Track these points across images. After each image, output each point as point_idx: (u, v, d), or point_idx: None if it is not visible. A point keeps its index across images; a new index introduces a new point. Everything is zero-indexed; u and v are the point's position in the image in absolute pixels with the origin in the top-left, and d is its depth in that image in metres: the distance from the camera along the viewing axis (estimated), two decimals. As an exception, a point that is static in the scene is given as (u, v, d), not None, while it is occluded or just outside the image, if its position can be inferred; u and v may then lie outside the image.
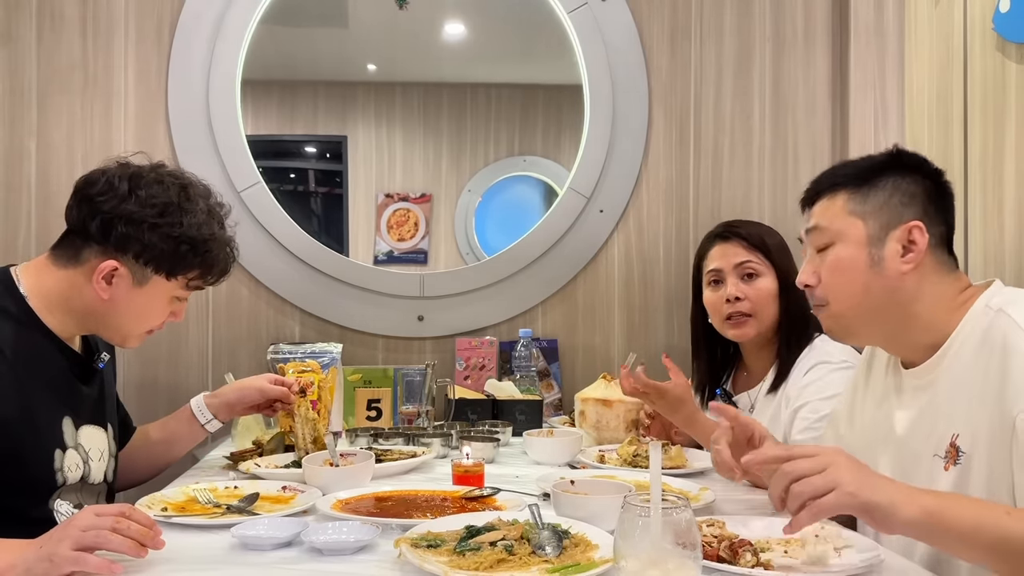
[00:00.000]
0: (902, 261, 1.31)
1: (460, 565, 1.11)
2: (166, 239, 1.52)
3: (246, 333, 2.61)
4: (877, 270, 1.32)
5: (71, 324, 1.57)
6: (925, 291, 1.32)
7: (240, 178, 2.59)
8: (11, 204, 2.55)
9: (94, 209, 1.50)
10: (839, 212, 1.36)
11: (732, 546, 1.18)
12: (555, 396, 2.60)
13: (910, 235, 1.31)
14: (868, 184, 1.35)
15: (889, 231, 1.32)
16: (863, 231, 1.34)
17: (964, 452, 1.25)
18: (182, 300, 1.64)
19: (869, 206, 1.34)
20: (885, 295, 1.33)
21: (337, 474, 1.62)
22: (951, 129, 2.16)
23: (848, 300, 1.36)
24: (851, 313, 1.37)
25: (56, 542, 1.14)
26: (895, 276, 1.32)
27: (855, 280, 1.34)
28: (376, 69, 2.92)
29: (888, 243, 1.32)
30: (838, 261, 1.35)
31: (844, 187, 1.37)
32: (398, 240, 2.84)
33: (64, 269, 1.54)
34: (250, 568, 1.19)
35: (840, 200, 1.36)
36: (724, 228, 2.07)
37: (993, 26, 1.94)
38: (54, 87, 2.56)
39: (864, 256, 1.33)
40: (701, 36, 2.72)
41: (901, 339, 1.37)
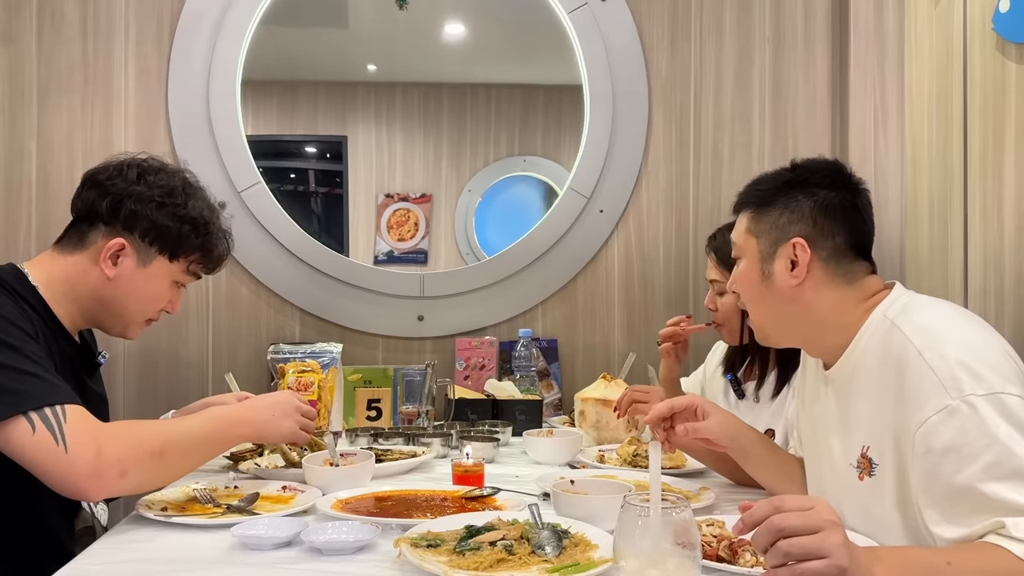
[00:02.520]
0: (791, 276, 1.37)
1: (460, 565, 1.11)
2: (172, 218, 1.60)
3: (246, 333, 2.61)
4: (767, 283, 1.40)
5: (76, 314, 1.60)
6: (823, 300, 1.37)
7: (240, 178, 2.59)
8: (11, 204, 2.55)
9: (104, 191, 1.58)
10: (742, 230, 1.45)
11: (732, 546, 1.18)
12: (555, 396, 2.60)
13: (794, 251, 1.37)
14: (766, 204, 1.42)
15: (777, 247, 1.39)
16: (756, 248, 1.42)
17: (876, 464, 1.27)
18: (180, 287, 1.70)
19: (763, 225, 1.41)
20: (781, 305, 1.39)
21: (337, 474, 1.62)
22: (951, 129, 2.16)
23: (753, 309, 1.46)
24: (760, 321, 1.46)
25: (287, 416, 1.59)
26: (786, 289, 1.38)
27: (752, 292, 1.43)
28: (376, 69, 2.92)
29: (777, 260, 1.39)
30: (739, 275, 1.46)
31: (748, 205, 1.45)
32: (398, 240, 2.84)
33: (70, 256, 1.59)
34: (250, 568, 1.19)
35: (744, 219, 1.46)
36: (709, 239, 2.13)
37: (993, 26, 1.94)
38: (54, 87, 2.56)
39: (757, 271, 1.41)
40: (701, 36, 2.72)
41: (815, 342, 1.43)
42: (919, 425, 1.16)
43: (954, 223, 2.14)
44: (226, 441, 1.56)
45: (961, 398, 1.13)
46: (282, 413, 1.60)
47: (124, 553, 1.25)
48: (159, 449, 1.39)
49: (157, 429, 1.45)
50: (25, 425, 1.29)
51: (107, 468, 1.31)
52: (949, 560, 1.07)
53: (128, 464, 1.34)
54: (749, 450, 1.54)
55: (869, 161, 2.61)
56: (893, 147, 2.58)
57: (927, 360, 1.18)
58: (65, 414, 1.31)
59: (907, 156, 2.48)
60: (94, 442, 1.31)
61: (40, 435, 1.28)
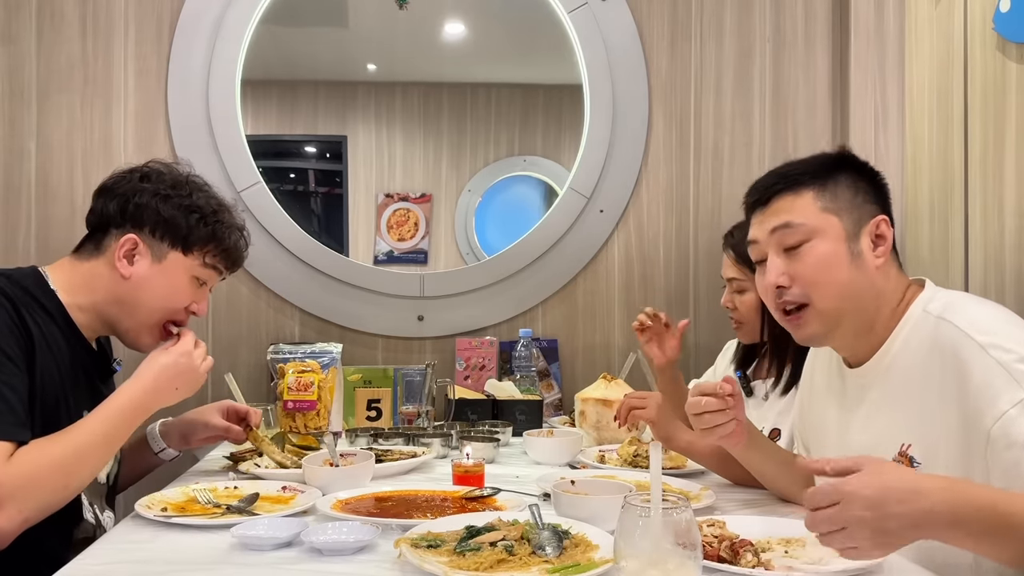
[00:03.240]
0: (875, 255, 1.33)
1: (460, 565, 1.11)
2: (178, 208, 1.61)
3: (246, 333, 2.61)
4: (858, 263, 1.33)
5: (94, 319, 1.61)
6: (889, 286, 1.36)
7: (240, 178, 2.59)
8: (11, 204, 2.55)
9: (112, 195, 1.62)
10: (810, 209, 1.34)
11: (733, 546, 1.17)
12: (555, 396, 2.60)
13: (878, 229, 1.34)
14: (832, 181, 1.35)
15: (861, 226, 1.34)
16: (840, 227, 1.33)
17: (919, 463, 1.26)
18: (203, 285, 1.68)
19: (840, 202, 1.34)
20: (866, 289, 1.33)
21: (337, 474, 1.62)
22: (951, 129, 2.16)
23: (835, 296, 1.33)
24: (837, 309, 1.34)
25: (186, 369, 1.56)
26: (872, 270, 1.33)
27: (840, 275, 1.32)
28: (376, 69, 2.91)
29: (862, 238, 1.34)
30: (822, 258, 1.32)
31: (807, 185, 1.35)
32: (398, 240, 2.84)
33: (87, 262, 1.61)
34: (250, 568, 1.19)
35: (807, 197, 1.35)
36: (726, 236, 2.08)
37: (993, 26, 1.94)
38: (54, 87, 2.56)
39: (845, 251, 1.33)
40: (701, 36, 2.72)
41: (862, 338, 1.37)
42: (995, 420, 1.15)
43: (954, 223, 2.14)
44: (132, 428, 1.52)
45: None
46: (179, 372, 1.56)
47: (124, 553, 1.25)
48: (64, 483, 1.38)
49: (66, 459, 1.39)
50: None
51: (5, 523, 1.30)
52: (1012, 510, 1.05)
53: (31, 512, 1.34)
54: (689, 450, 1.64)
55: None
56: (893, 147, 2.58)
57: (993, 355, 1.18)
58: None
59: (907, 156, 2.48)
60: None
61: None
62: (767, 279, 1.37)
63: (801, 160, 1.42)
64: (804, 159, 1.42)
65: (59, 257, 1.68)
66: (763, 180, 1.42)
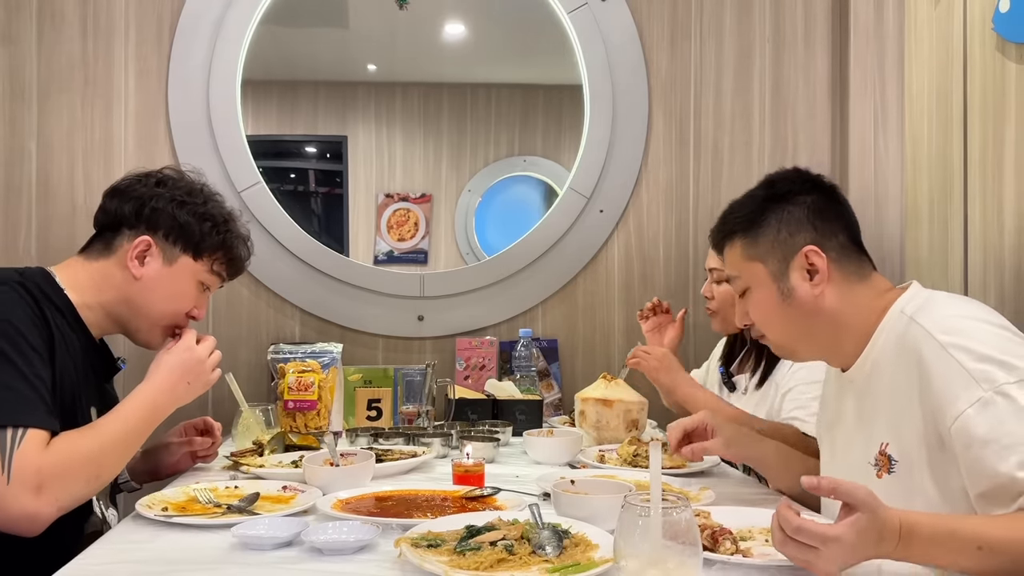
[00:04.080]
0: (811, 286, 1.36)
1: (460, 565, 1.11)
2: (192, 215, 1.65)
3: (246, 333, 2.61)
4: (790, 301, 1.37)
5: (102, 319, 1.63)
6: (847, 301, 1.36)
7: (240, 178, 2.59)
8: (11, 204, 2.55)
9: (126, 197, 1.64)
10: (739, 259, 1.43)
11: (714, 535, 1.20)
12: (555, 396, 2.60)
13: (808, 260, 1.36)
14: (756, 225, 1.40)
15: (788, 263, 1.37)
16: (764, 272, 1.39)
17: (896, 460, 1.28)
18: (206, 290, 1.73)
19: (762, 247, 1.39)
20: (809, 319, 1.37)
21: (337, 474, 1.62)
22: (951, 129, 2.16)
23: (779, 332, 1.43)
24: (787, 341, 1.44)
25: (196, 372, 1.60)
26: (810, 301, 1.36)
27: (775, 316, 1.40)
28: (376, 69, 2.92)
29: (791, 274, 1.37)
30: (756, 304, 1.42)
31: (736, 234, 1.43)
32: (398, 240, 2.84)
33: (96, 261, 1.63)
34: (250, 568, 1.19)
35: (737, 247, 1.43)
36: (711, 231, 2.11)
37: (993, 26, 1.95)
38: (54, 87, 2.56)
39: (774, 293, 1.38)
40: (701, 36, 2.72)
41: (837, 350, 1.41)
42: (954, 419, 1.17)
43: (954, 223, 2.14)
44: (150, 430, 1.55)
45: (994, 389, 1.14)
46: (187, 373, 1.60)
47: (124, 553, 1.25)
48: (97, 471, 1.41)
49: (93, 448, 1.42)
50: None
51: (44, 507, 1.32)
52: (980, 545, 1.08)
53: (66, 500, 1.36)
54: (763, 462, 1.59)
55: (869, 161, 2.61)
56: (893, 147, 2.59)
57: (953, 355, 1.19)
58: (21, 440, 1.31)
59: (907, 156, 2.48)
60: (36, 477, 1.31)
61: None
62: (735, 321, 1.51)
63: (742, 199, 1.47)
64: (746, 197, 1.46)
65: (60, 256, 1.69)
66: (716, 226, 1.51)
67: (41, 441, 1.34)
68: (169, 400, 1.57)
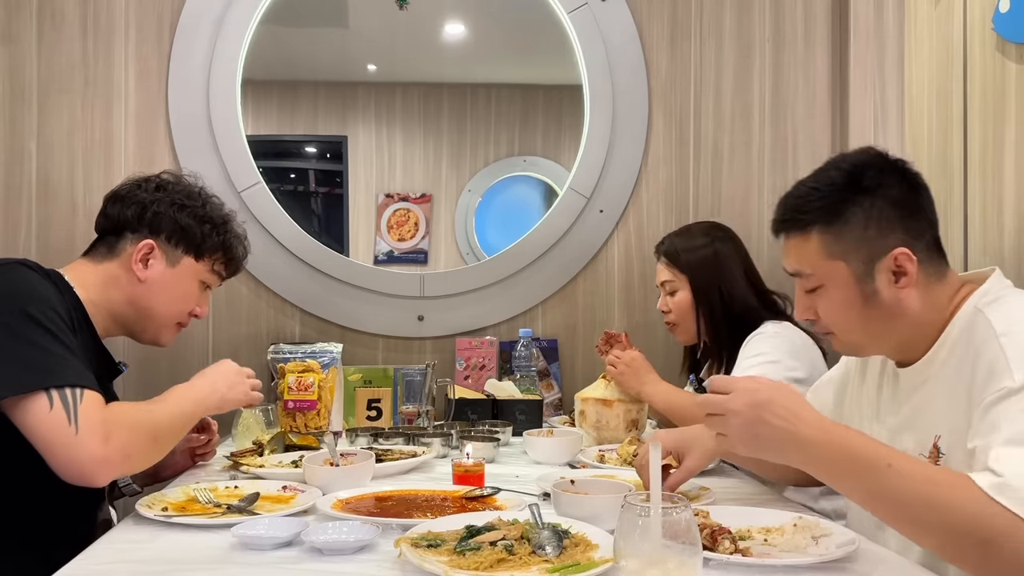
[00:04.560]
0: (897, 288, 1.28)
1: (460, 565, 1.11)
2: (193, 218, 1.73)
3: (246, 333, 2.61)
4: (873, 302, 1.29)
5: (108, 320, 1.68)
6: (927, 301, 1.31)
7: (240, 178, 2.59)
8: (11, 204, 2.55)
9: (128, 202, 1.70)
10: (816, 256, 1.31)
11: (712, 534, 1.20)
12: (555, 396, 2.60)
13: (897, 263, 1.28)
14: (839, 219, 1.29)
15: (874, 263, 1.28)
16: (848, 271, 1.30)
17: (944, 453, 1.26)
18: (207, 289, 1.80)
19: (846, 244, 1.29)
20: (888, 321, 1.31)
21: (337, 474, 1.62)
22: (951, 129, 2.16)
23: (855, 332, 1.35)
24: (860, 340, 1.37)
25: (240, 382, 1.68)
26: (894, 303, 1.29)
27: (854, 317, 1.32)
28: (376, 69, 2.92)
29: (878, 275, 1.29)
30: (831, 304, 1.33)
31: (814, 225, 1.31)
32: (398, 240, 2.84)
33: (101, 264, 1.68)
34: (250, 568, 1.19)
35: (814, 242, 1.31)
36: (658, 244, 2.24)
37: (993, 26, 1.95)
38: (54, 87, 2.56)
39: (856, 294, 1.30)
40: (701, 36, 2.72)
41: (904, 347, 1.36)
42: (979, 405, 1.15)
43: (954, 223, 2.14)
44: (197, 417, 1.62)
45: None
46: (233, 382, 1.67)
47: (124, 553, 1.25)
48: (155, 435, 1.46)
49: (150, 416, 1.49)
50: (43, 401, 1.33)
51: (113, 454, 1.35)
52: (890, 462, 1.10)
53: (132, 450, 1.40)
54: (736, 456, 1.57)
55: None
56: (893, 147, 2.58)
57: (1001, 343, 1.16)
58: (82, 397, 1.35)
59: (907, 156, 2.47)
60: (103, 427, 1.35)
61: (55, 413, 1.32)
62: (796, 314, 1.43)
63: (814, 185, 1.34)
64: (818, 182, 1.34)
65: (59, 256, 1.71)
66: (779, 207, 1.38)
67: (100, 400, 1.39)
68: (212, 396, 1.63)
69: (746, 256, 2.18)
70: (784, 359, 1.93)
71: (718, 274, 2.10)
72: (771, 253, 2.69)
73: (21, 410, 1.33)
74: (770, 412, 1.16)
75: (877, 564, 1.17)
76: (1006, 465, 1.05)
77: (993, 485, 1.04)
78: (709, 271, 2.11)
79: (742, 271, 2.13)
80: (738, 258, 2.15)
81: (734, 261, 2.13)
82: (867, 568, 1.16)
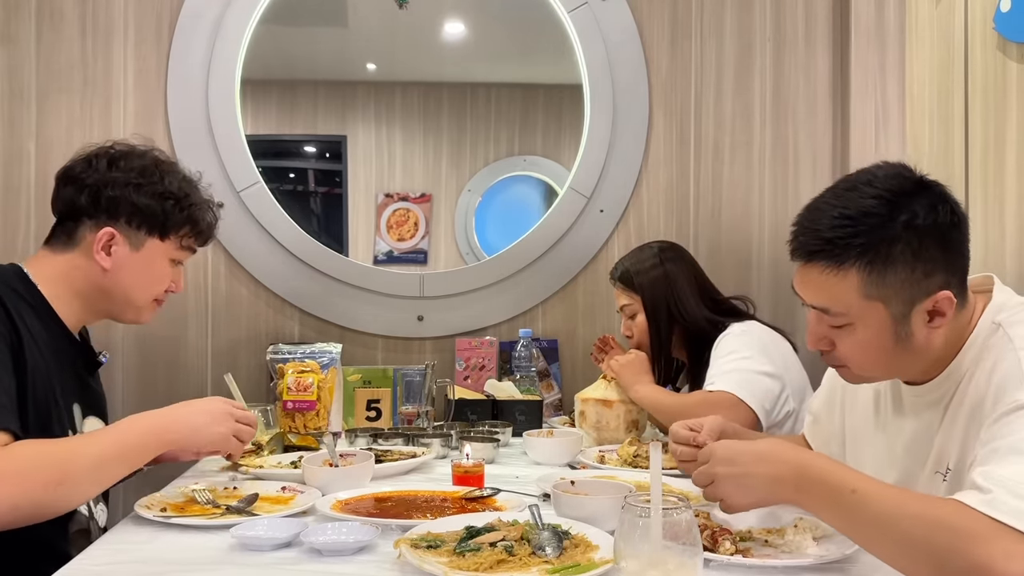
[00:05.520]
0: (930, 327, 1.20)
1: (460, 566, 1.10)
2: (152, 196, 1.60)
3: (246, 333, 2.61)
4: (905, 344, 1.21)
5: (80, 310, 1.61)
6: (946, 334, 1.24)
7: (240, 178, 2.59)
8: (11, 204, 2.55)
9: (80, 185, 1.59)
10: (852, 296, 1.19)
11: (713, 535, 1.21)
12: (555, 396, 2.60)
13: (937, 305, 1.18)
14: (883, 261, 1.16)
15: (914, 306, 1.18)
16: (886, 313, 1.19)
17: (951, 469, 1.23)
18: (179, 264, 1.70)
19: (889, 288, 1.17)
20: (913, 356, 1.23)
21: (337, 474, 1.62)
22: (951, 129, 2.16)
23: (874, 369, 1.28)
24: (876, 375, 1.31)
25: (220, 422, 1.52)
26: (924, 342, 1.21)
27: (881, 357, 1.24)
28: (376, 69, 2.91)
29: (914, 316, 1.19)
30: (860, 344, 1.23)
31: (853, 262, 1.17)
32: (398, 240, 2.83)
33: (63, 254, 1.59)
34: (250, 568, 1.18)
35: (851, 280, 1.18)
36: (612, 270, 2.29)
37: (994, 26, 1.94)
38: (54, 87, 2.56)
39: (890, 336, 1.20)
40: (701, 36, 2.71)
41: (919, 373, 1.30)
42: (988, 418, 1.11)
43: (955, 223, 2.14)
44: (147, 452, 1.44)
45: None
46: (213, 420, 1.52)
47: (123, 554, 1.25)
48: (58, 479, 1.29)
49: (63, 455, 1.34)
50: None
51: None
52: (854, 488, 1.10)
53: (19, 499, 1.26)
54: None
55: (870, 161, 2.55)
56: (894, 147, 2.58)
57: (1021, 357, 1.11)
58: None
59: (907, 156, 2.48)
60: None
61: None
62: (807, 337, 1.29)
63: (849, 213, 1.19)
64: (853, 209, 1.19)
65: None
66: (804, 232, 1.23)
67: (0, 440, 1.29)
68: (176, 428, 1.48)
69: (699, 272, 2.23)
70: (755, 355, 1.99)
71: (669, 293, 2.16)
72: (771, 254, 2.69)
73: None
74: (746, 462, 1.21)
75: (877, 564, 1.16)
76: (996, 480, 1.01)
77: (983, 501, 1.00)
78: (660, 291, 2.17)
79: (695, 288, 2.18)
80: (689, 275, 2.20)
81: (684, 278, 2.18)
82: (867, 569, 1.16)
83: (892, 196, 1.19)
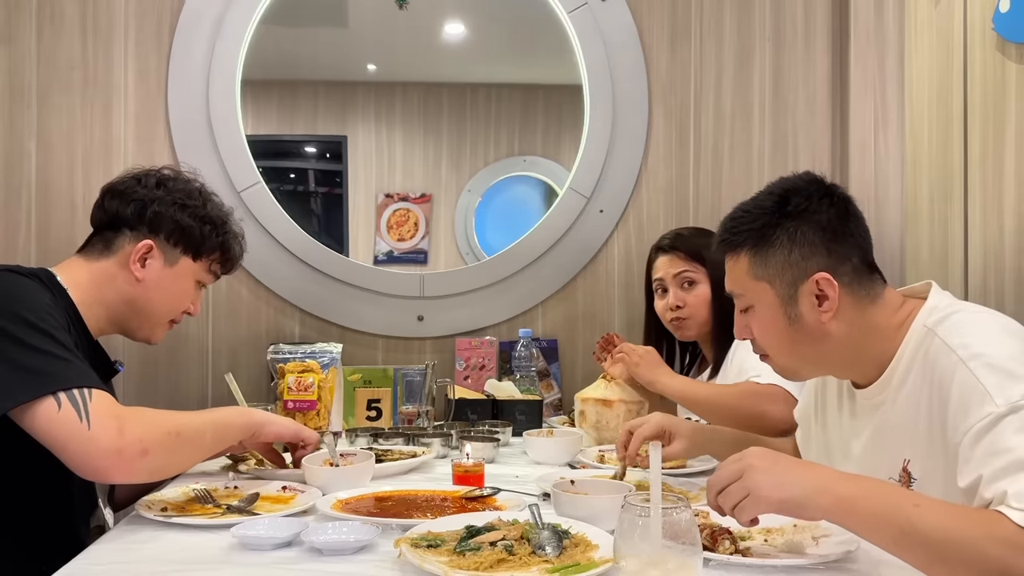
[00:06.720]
0: (820, 311, 1.31)
1: (460, 565, 1.11)
2: (194, 218, 1.70)
3: (246, 333, 2.61)
4: (798, 326, 1.32)
5: (103, 319, 1.66)
6: (857, 325, 1.32)
7: (240, 178, 2.59)
8: (11, 204, 2.55)
9: (127, 199, 1.68)
10: (745, 277, 1.36)
11: (712, 534, 1.21)
12: (555, 396, 2.60)
13: (818, 287, 1.30)
14: (766, 243, 1.33)
15: (798, 287, 1.31)
16: (772, 294, 1.33)
17: (916, 479, 1.25)
18: (202, 287, 1.79)
19: (771, 268, 1.33)
20: (817, 344, 1.33)
21: (337, 474, 1.62)
22: (951, 129, 2.16)
23: (783, 354, 1.38)
24: (791, 363, 1.40)
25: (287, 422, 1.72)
26: (817, 327, 1.31)
27: (781, 338, 1.35)
28: (376, 69, 2.91)
29: (801, 299, 1.31)
30: (760, 324, 1.37)
31: (743, 247, 1.35)
32: (398, 240, 2.84)
33: (97, 262, 1.66)
34: (250, 568, 1.19)
35: (743, 263, 1.36)
36: (668, 240, 2.22)
37: (993, 26, 1.94)
38: (54, 87, 2.56)
39: (781, 317, 1.33)
40: (701, 36, 2.72)
41: (849, 370, 1.39)
42: (963, 435, 1.13)
43: (954, 223, 2.14)
44: (234, 427, 1.61)
45: (1009, 405, 1.09)
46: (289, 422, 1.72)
47: (124, 553, 1.25)
48: (176, 429, 1.44)
49: (172, 416, 1.49)
50: (51, 404, 1.32)
51: (128, 446, 1.34)
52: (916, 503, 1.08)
53: (149, 442, 1.38)
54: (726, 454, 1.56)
55: (869, 161, 2.61)
56: (893, 147, 2.58)
57: (971, 368, 1.15)
58: (91, 396, 1.35)
59: (907, 156, 2.48)
60: (116, 420, 1.35)
61: (65, 413, 1.32)
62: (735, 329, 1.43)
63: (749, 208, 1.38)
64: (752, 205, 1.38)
65: (60, 256, 1.69)
66: (719, 227, 1.43)
67: (110, 397, 1.39)
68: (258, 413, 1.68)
69: None
70: None
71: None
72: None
73: (30, 416, 1.32)
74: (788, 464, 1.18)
75: (877, 564, 1.17)
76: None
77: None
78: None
79: None
80: None
81: None
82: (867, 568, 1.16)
83: (781, 191, 1.36)
